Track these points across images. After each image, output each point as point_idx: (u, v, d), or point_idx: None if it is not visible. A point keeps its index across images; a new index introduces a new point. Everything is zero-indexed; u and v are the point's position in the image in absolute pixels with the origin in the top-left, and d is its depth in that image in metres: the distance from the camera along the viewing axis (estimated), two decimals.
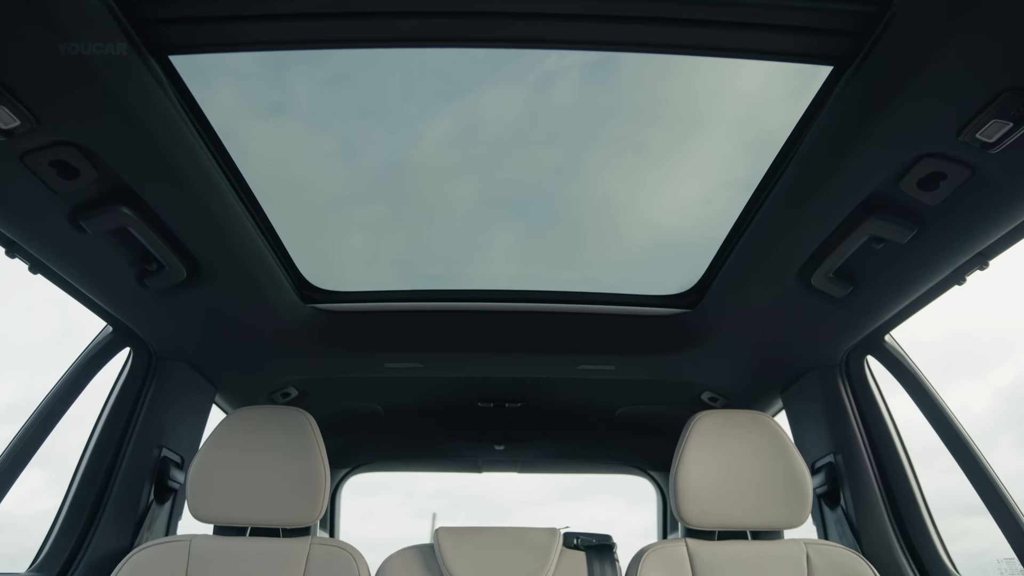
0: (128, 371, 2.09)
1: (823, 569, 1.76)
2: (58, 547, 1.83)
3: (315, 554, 1.78)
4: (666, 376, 2.36)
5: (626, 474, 3.56)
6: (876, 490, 2.01)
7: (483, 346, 2.20)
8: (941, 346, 3.61)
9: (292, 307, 2.02)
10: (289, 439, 1.87)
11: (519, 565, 1.76)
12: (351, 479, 3.60)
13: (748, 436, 1.90)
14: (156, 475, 2.05)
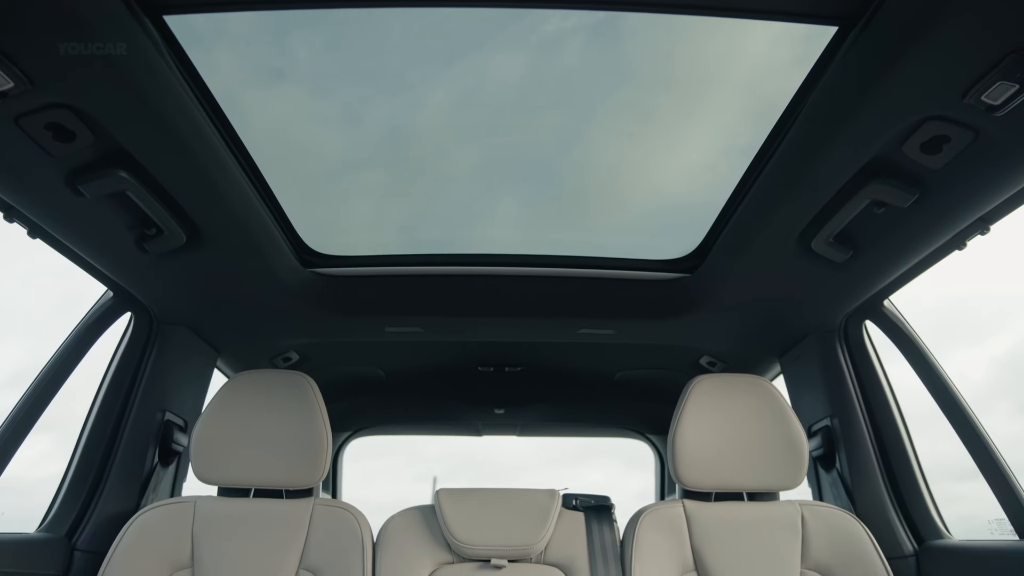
0: (130, 336, 2.10)
1: (817, 529, 1.79)
2: (65, 508, 1.86)
3: (318, 515, 1.81)
4: (665, 340, 2.38)
5: (624, 437, 3.60)
6: (871, 453, 2.03)
7: (483, 310, 2.21)
8: (940, 313, 3.62)
9: (292, 271, 2.02)
10: (291, 402, 1.89)
11: (519, 525, 1.80)
12: (353, 442, 3.64)
13: (746, 399, 1.92)
14: (160, 438, 2.08)
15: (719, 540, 1.78)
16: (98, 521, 1.86)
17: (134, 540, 1.73)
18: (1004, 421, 2.10)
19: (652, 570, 1.74)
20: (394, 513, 1.88)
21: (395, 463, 4.51)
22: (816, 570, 1.75)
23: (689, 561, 1.77)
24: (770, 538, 1.78)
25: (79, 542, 1.80)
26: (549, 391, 3.02)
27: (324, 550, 1.75)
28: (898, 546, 1.86)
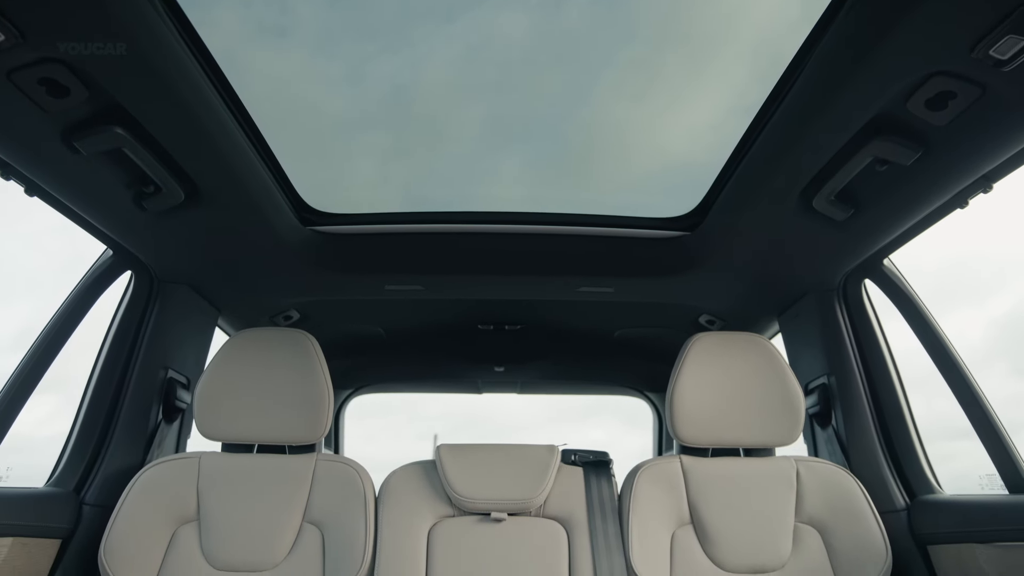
0: (130, 294, 2.10)
1: (812, 484, 1.83)
2: (72, 464, 1.89)
3: (321, 470, 1.84)
4: (665, 299, 2.38)
5: (623, 395, 3.64)
6: (866, 410, 2.06)
7: (483, 268, 2.21)
8: (940, 275, 3.63)
9: (291, 229, 2.02)
10: (292, 359, 1.90)
11: (518, 480, 1.82)
12: (354, 400, 3.68)
13: (744, 357, 1.93)
14: (163, 395, 2.10)
15: (715, 494, 1.81)
16: (105, 476, 1.89)
17: (141, 494, 1.77)
18: (999, 382, 2.12)
19: (649, 523, 1.77)
20: (396, 468, 1.91)
21: (397, 421, 4.56)
22: (810, 523, 1.79)
23: (685, 515, 1.81)
24: (765, 492, 1.82)
25: (87, 496, 1.84)
26: (549, 349, 3.04)
27: (327, 504, 1.79)
28: (890, 500, 1.90)
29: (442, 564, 1.72)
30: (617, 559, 1.71)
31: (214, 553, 1.72)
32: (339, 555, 1.71)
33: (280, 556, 1.72)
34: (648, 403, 3.63)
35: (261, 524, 1.75)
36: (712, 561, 1.74)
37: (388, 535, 1.74)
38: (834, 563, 1.73)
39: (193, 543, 1.74)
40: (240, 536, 1.73)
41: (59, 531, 1.72)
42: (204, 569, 1.70)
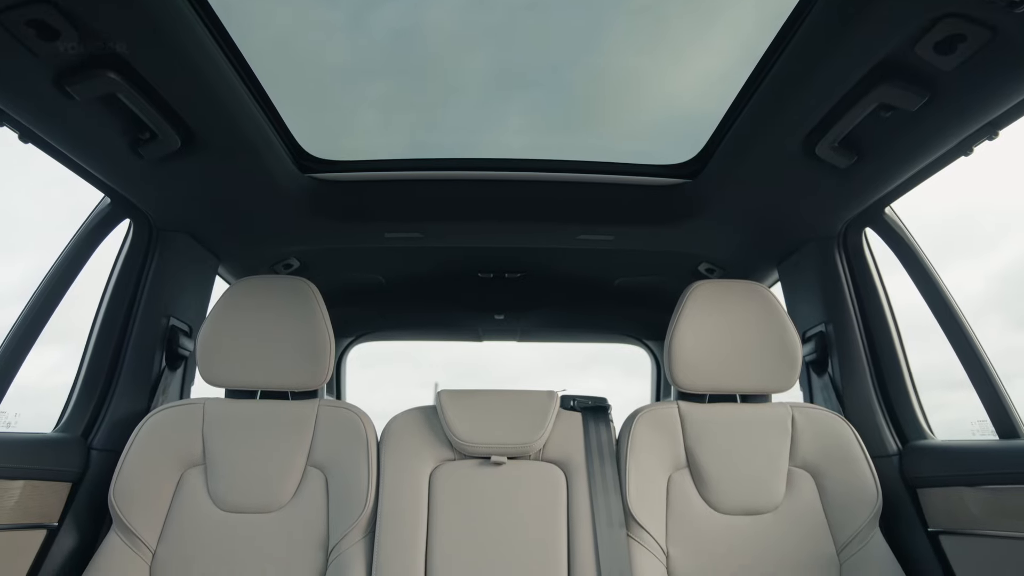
0: (130, 243, 2.10)
1: (806, 429, 1.86)
2: (79, 410, 1.92)
3: (323, 415, 1.87)
4: (664, 247, 2.38)
5: (623, 343, 3.67)
6: (863, 358, 2.08)
7: (483, 215, 2.20)
8: (943, 227, 3.61)
9: (290, 177, 2.00)
10: (293, 306, 1.92)
11: (518, 424, 1.85)
12: (357, 350, 3.72)
13: (743, 305, 1.94)
14: (166, 343, 2.12)
15: (711, 439, 1.85)
16: (111, 422, 1.92)
17: (147, 439, 1.80)
18: (996, 333, 2.13)
19: (646, 466, 1.81)
20: (397, 413, 1.94)
21: (399, 371, 4.61)
22: (803, 467, 1.83)
23: (682, 459, 1.84)
24: (760, 437, 1.85)
25: (94, 441, 1.87)
26: (549, 297, 3.05)
27: (330, 448, 1.82)
28: (883, 445, 1.93)
29: (443, 506, 1.76)
30: (614, 501, 1.76)
31: (221, 495, 1.76)
32: (342, 497, 1.75)
33: (285, 498, 1.77)
34: (647, 351, 3.66)
35: (266, 467, 1.79)
36: (707, 503, 1.79)
37: (390, 478, 1.78)
38: (826, 505, 1.78)
39: (200, 486, 1.78)
40: (245, 479, 1.77)
41: (69, 475, 1.76)
42: (211, 511, 1.75)
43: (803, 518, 1.76)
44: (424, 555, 1.70)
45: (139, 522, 1.70)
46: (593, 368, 4.28)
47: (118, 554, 1.67)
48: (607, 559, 1.68)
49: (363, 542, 1.71)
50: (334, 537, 1.71)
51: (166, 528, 1.73)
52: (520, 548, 1.71)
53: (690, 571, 1.70)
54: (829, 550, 1.73)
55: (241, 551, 1.70)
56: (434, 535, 1.72)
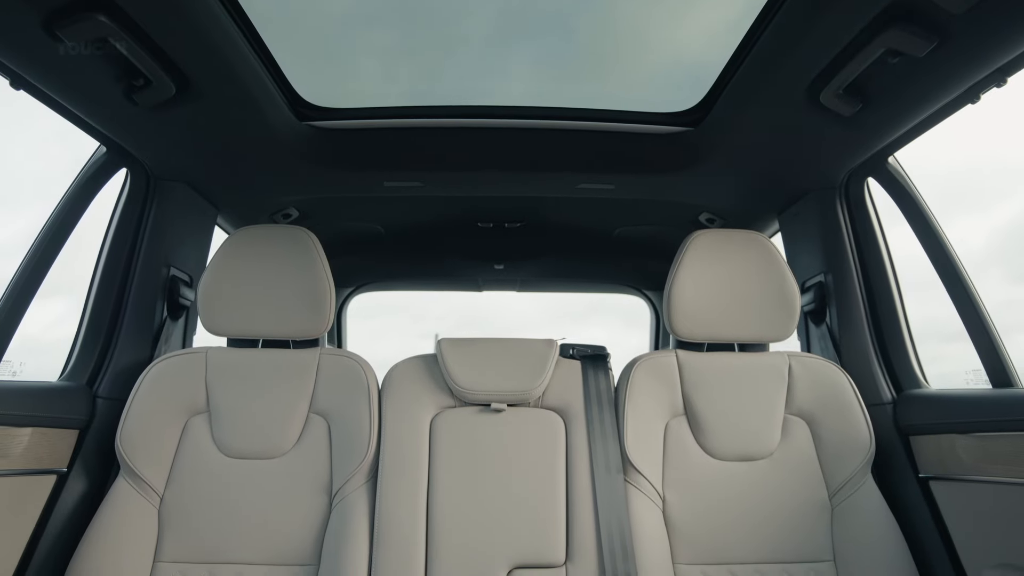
0: (127, 192, 2.09)
1: (803, 377, 1.88)
2: (83, 359, 1.94)
3: (325, 363, 1.89)
4: (665, 196, 2.37)
5: (622, 294, 3.69)
6: (861, 308, 2.09)
7: (483, 164, 2.18)
8: (946, 180, 3.56)
9: (287, 125, 1.98)
10: (293, 256, 1.92)
11: (518, 372, 1.88)
12: (359, 301, 3.73)
13: (743, 254, 1.94)
14: (167, 292, 2.12)
15: (708, 386, 1.87)
16: (116, 370, 1.94)
17: (151, 387, 1.82)
18: (995, 286, 2.14)
19: (643, 413, 1.84)
20: (398, 361, 1.96)
21: (400, 322, 4.63)
22: (799, 415, 1.86)
23: (679, 406, 1.87)
24: (757, 385, 1.87)
25: (99, 390, 1.90)
26: (548, 247, 3.05)
27: (332, 395, 1.85)
28: (878, 394, 1.96)
29: (444, 451, 1.79)
30: (612, 447, 1.79)
31: (225, 442, 1.79)
32: (345, 443, 1.78)
33: (288, 445, 1.80)
34: (646, 301, 3.68)
35: (269, 415, 1.82)
36: (703, 449, 1.82)
37: (391, 424, 1.81)
38: (820, 452, 1.81)
39: (204, 433, 1.81)
40: (249, 426, 1.80)
41: (76, 422, 1.79)
42: (216, 456, 1.78)
43: (797, 464, 1.80)
44: (426, 499, 1.74)
45: (146, 468, 1.74)
46: (593, 319, 4.30)
47: (127, 498, 1.71)
48: (605, 504, 1.72)
49: (366, 487, 1.75)
50: (337, 482, 1.75)
51: (172, 473, 1.76)
52: (519, 493, 1.74)
53: (685, 515, 1.75)
54: (822, 495, 1.77)
55: (247, 495, 1.74)
56: (435, 480, 1.76)
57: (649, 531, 1.71)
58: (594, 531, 1.70)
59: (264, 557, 1.69)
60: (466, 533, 1.70)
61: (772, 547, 1.72)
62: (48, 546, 1.66)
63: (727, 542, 1.72)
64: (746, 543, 1.72)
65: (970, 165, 4.51)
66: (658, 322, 3.67)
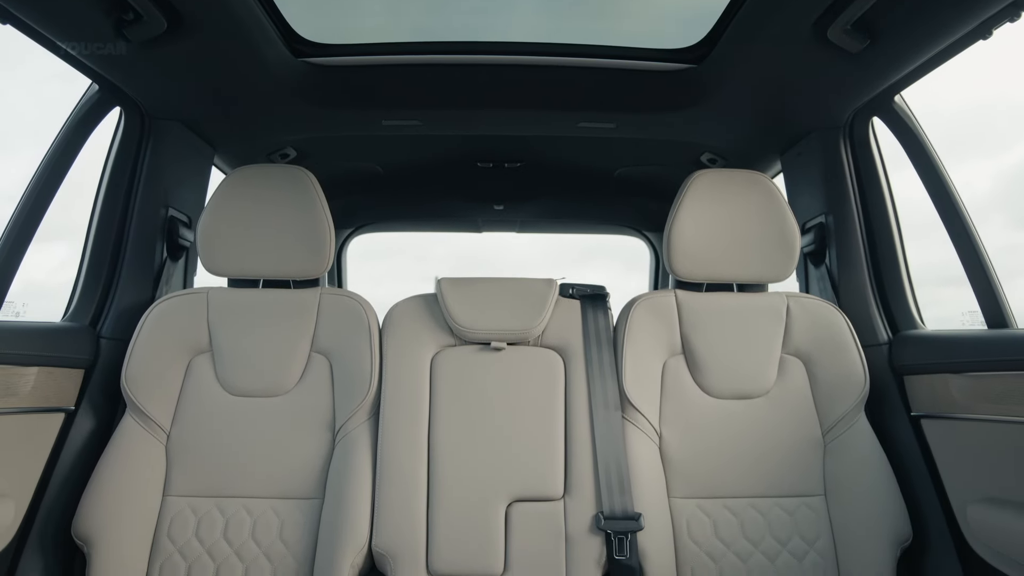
0: (122, 132, 2.06)
1: (800, 317, 1.90)
2: (85, 300, 1.95)
3: (325, 303, 1.90)
4: (667, 136, 2.34)
5: (622, 235, 3.68)
6: (860, 249, 2.09)
7: (482, 102, 2.15)
8: (954, 122, 3.51)
9: (283, 62, 1.93)
10: (292, 195, 1.91)
11: (517, 311, 1.89)
12: (360, 243, 3.73)
13: (743, 194, 1.93)
14: (166, 233, 2.12)
15: (706, 326, 1.89)
16: (118, 311, 1.96)
17: (154, 327, 1.84)
18: (997, 231, 2.13)
19: (642, 352, 1.86)
20: (398, 301, 1.97)
21: (401, 265, 4.64)
22: (795, 355, 1.88)
23: (677, 345, 1.89)
24: (755, 325, 1.89)
25: (103, 330, 1.91)
26: (548, 187, 3.03)
27: (333, 334, 1.86)
28: (874, 335, 1.98)
29: (444, 389, 1.82)
30: (611, 385, 1.82)
31: (228, 380, 1.82)
32: (347, 381, 1.81)
33: (291, 383, 1.83)
34: (646, 242, 3.67)
35: (271, 354, 1.84)
36: (700, 388, 1.85)
37: (392, 363, 1.83)
38: (815, 391, 1.84)
39: (208, 371, 1.83)
40: (252, 365, 1.83)
41: (81, 361, 1.81)
42: (220, 395, 1.81)
43: (792, 403, 1.83)
44: (427, 435, 1.78)
45: (152, 406, 1.77)
46: (594, 262, 4.31)
47: (134, 435, 1.75)
48: (602, 440, 1.75)
49: (368, 423, 1.78)
50: (340, 419, 1.78)
51: (178, 411, 1.80)
52: (518, 429, 1.78)
53: (681, 451, 1.79)
54: (815, 433, 1.80)
55: (251, 432, 1.78)
56: (436, 417, 1.79)
57: (645, 466, 1.75)
58: (592, 466, 1.74)
59: (270, 491, 1.73)
60: (466, 468, 1.74)
61: (765, 482, 1.76)
62: (60, 481, 1.70)
63: (721, 477, 1.77)
64: (740, 478, 1.76)
65: (979, 106, 4.44)
66: (657, 263, 3.67)
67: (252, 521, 1.71)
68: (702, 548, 1.71)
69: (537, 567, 1.66)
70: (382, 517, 1.69)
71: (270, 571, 1.66)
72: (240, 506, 1.72)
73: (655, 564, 1.66)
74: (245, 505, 1.72)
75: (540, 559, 1.67)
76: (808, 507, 1.74)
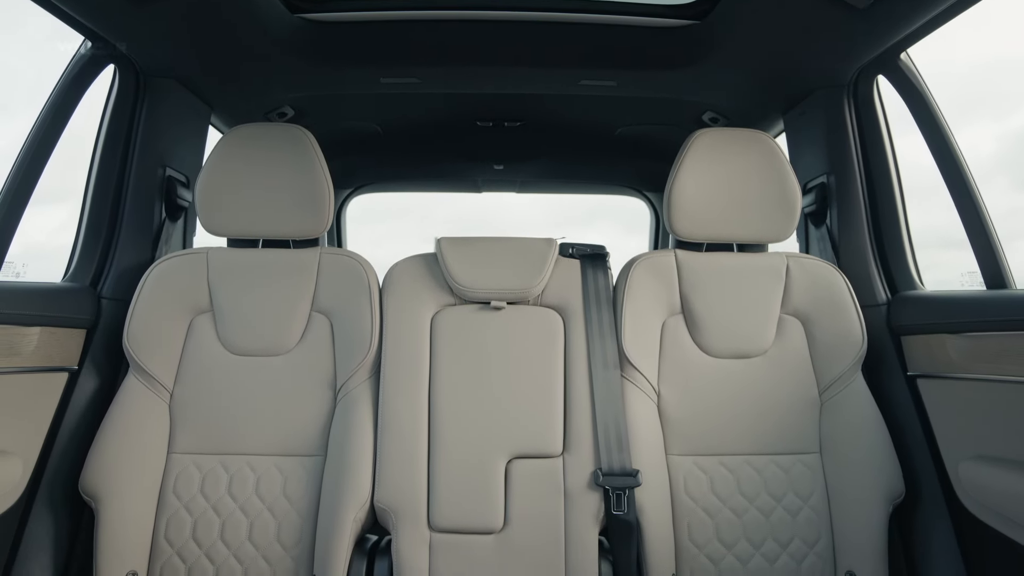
0: (117, 91, 2.03)
1: (800, 277, 1.90)
2: (85, 260, 1.95)
3: (325, 262, 1.90)
4: (669, 94, 2.31)
5: (623, 195, 3.66)
6: (861, 210, 2.08)
7: (482, 59, 2.12)
8: (961, 82, 3.46)
9: (279, 17, 1.90)
10: (290, 154, 1.89)
11: (517, 269, 1.89)
12: (360, 204, 3.71)
13: (745, 153, 1.92)
14: (164, 193, 2.11)
15: (706, 286, 1.89)
16: (118, 271, 1.96)
17: (154, 286, 1.84)
18: (1000, 195, 2.12)
19: (641, 311, 1.87)
20: (398, 260, 1.97)
21: (401, 227, 4.63)
22: (794, 315, 1.88)
23: (676, 304, 1.90)
24: (754, 285, 1.89)
25: (103, 290, 1.92)
26: (549, 147, 3.01)
27: (334, 293, 1.87)
28: (873, 295, 1.98)
29: (444, 348, 1.83)
30: (610, 344, 1.83)
31: (230, 340, 1.83)
32: (347, 341, 1.82)
33: (292, 342, 1.84)
34: (646, 202, 3.66)
35: (271, 313, 1.84)
36: (699, 347, 1.86)
37: (392, 322, 1.84)
38: (813, 351, 1.85)
39: (209, 331, 1.84)
40: (253, 324, 1.84)
41: (82, 321, 1.82)
42: (222, 354, 1.82)
43: (790, 362, 1.84)
44: (427, 394, 1.80)
45: (154, 365, 1.78)
46: (595, 224, 4.30)
47: (137, 394, 1.76)
48: (601, 398, 1.77)
49: (369, 382, 1.80)
50: (341, 378, 1.80)
51: (180, 371, 1.81)
52: (518, 388, 1.80)
53: (679, 409, 1.81)
54: (812, 392, 1.82)
55: (253, 391, 1.79)
56: (436, 376, 1.81)
57: (643, 424, 1.77)
58: (591, 424, 1.76)
59: (273, 448, 1.76)
60: (467, 425, 1.76)
61: (762, 440, 1.79)
62: (66, 439, 1.73)
63: (719, 435, 1.79)
64: (737, 436, 1.79)
65: (986, 65, 4.37)
66: (658, 224, 3.66)
67: (256, 477, 1.74)
68: (698, 504, 1.74)
69: (536, 522, 1.70)
70: (384, 473, 1.71)
71: (275, 525, 1.70)
72: (244, 463, 1.75)
73: (652, 519, 1.69)
74: (248, 462, 1.75)
75: (539, 514, 1.70)
76: (803, 464, 1.77)
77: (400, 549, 1.67)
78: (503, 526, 1.70)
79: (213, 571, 1.67)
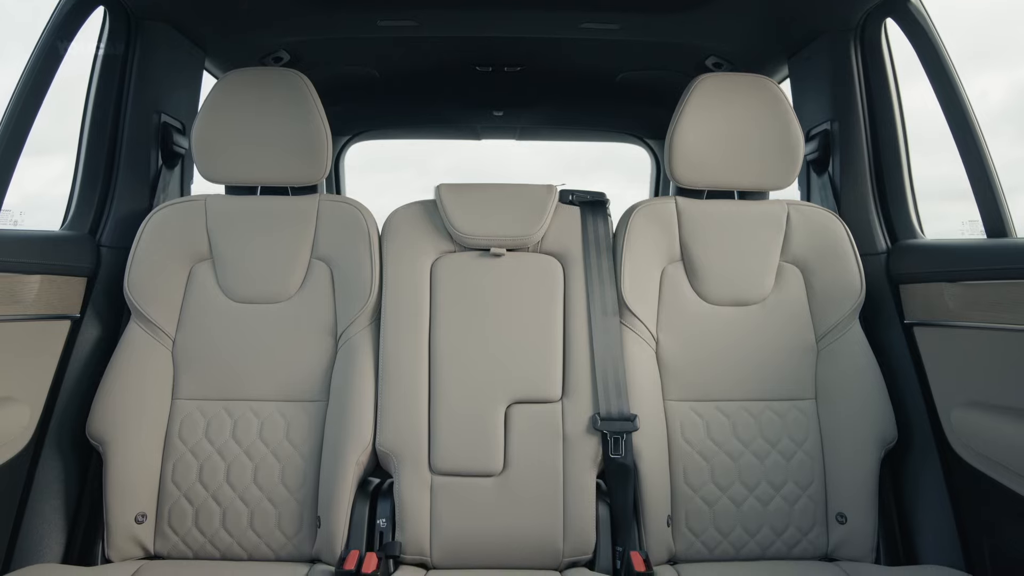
0: (107, 33, 1.99)
1: (800, 225, 1.89)
2: (82, 209, 1.93)
3: (324, 209, 1.89)
4: (672, 38, 2.26)
5: (623, 142, 3.62)
6: (864, 157, 2.06)
7: (481, 0, 2.07)
8: (971, 33, 3.37)
9: None
10: (287, 100, 1.86)
11: (517, 217, 1.88)
12: (357, 150, 3.67)
13: (748, 99, 1.89)
14: (160, 140, 2.09)
15: (706, 233, 1.89)
16: (116, 219, 1.95)
17: (153, 235, 1.84)
18: (1006, 146, 2.09)
19: (640, 258, 1.87)
20: (397, 207, 1.96)
21: (402, 177, 4.61)
22: (793, 263, 1.89)
23: (676, 252, 1.90)
24: (754, 232, 1.89)
25: (102, 239, 1.91)
26: (549, 93, 2.96)
27: (333, 240, 1.86)
28: (873, 244, 1.98)
29: (444, 294, 1.84)
30: (609, 291, 1.83)
31: (230, 287, 1.84)
32: (348, 287, 1.83)
33: (292, 289, 1.84)
34: (647, 150, 3.62)
35: (271, 260, 1.85)
36: (698, 295, 1.87)
37: (392, 269, 1.84)
38: (811, 299, 1.86)
39: (210, 278, 1.85)
40: (253, 272, 1.84)
41: (83, 269, 1.82)
42: (223, 301, 1.83)
43: (788, 310, 1.85)
44: (427, 340, 1.81)
45: (156, 313, 1.79)
46: (598, 173, 4.27)
47: (140, 342, 1.78)
48: (600, 344, 1.79)
49: (370, 328, 1.81)
50: (341, 324, 1.81)
51: (182, 318, 1.82)
52: (518, 334, 1.81)
53: (677, 356, 1.83)
54: (809, 339, 1.83)
55: (255, 337, 1.81)
56: (436, 322, 1.82)
57: (642, 370, 1.79)
58: (589, 369, 1.78)
59: (275, 394, 1.78)
60: (466, 370, 1.78)
61: (758, 386, 1.81)
62: (72, 385, 1.75)
63: (716, 381, 1.81)
64: (734, 382, 1.81)
65: (999, 15, 4.26)
66: (658, 171, 3.63)
67: (259, 422, 1.76)
68: (694, 448, 1.77)
69: (535, 466, 1.73)
70: (385, 418, 1.74)
71: (279, 469, 1.73)
72: (247, 408, 1.77)
73: (649, 463, 1.72)
74: (252, 408, 1.78)
75: (538, 458, 1.73)
76: (798, 410, 1.80)
77: (402, 491, 1.71)
78: (503, 469, 1.74)
79: (220, 513, 1.72)
